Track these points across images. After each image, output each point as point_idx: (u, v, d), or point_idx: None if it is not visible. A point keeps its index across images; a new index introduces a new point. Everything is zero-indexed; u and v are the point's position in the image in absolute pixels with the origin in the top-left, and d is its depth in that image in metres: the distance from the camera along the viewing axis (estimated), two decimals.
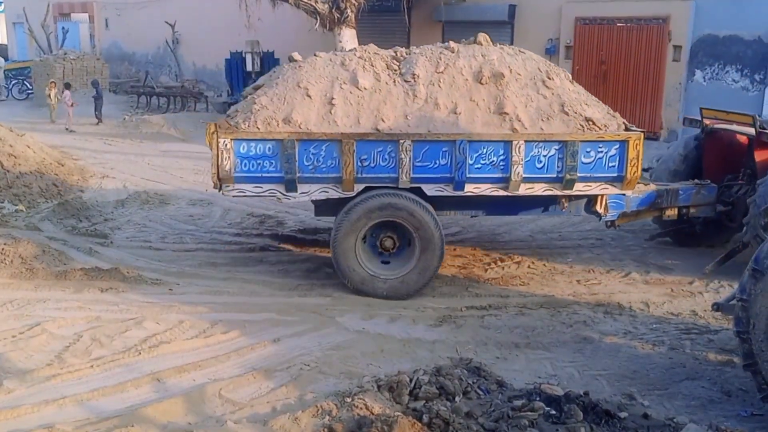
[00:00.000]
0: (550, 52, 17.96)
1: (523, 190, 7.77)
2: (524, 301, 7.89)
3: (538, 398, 5.22)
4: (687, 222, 9.22)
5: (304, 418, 5.17)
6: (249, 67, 21.16)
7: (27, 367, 6.11)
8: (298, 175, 7.61)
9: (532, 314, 7.56)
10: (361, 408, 5.15)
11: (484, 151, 7.62)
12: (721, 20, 15.53)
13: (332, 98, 7.77)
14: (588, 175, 7.80)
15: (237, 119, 7.73)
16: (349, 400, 5.28)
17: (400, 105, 7.81)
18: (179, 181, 13.78)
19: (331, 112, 7.71)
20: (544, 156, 7.69)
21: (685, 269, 8.88)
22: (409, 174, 7.63)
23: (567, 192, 7.90)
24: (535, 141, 7.64)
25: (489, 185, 7.77)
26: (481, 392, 5.47)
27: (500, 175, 7.70)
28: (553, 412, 5.04)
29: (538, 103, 7.88)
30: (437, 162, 7.65)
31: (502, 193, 7.80)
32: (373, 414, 5.07)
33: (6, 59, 31.72)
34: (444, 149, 7.60)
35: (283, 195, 7.75)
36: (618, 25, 16.87)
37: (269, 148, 7.56)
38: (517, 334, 7.06)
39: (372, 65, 8.05)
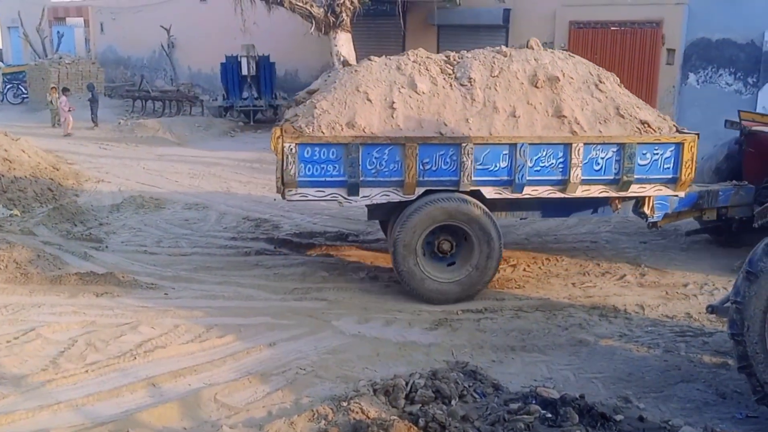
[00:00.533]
0: None
1: (580, 192, 7.88)
2: (520, 304, 7.90)
3: (534, 401, 5.23)
4: (725, 221, 9.33)
5: (300, 422, 5.17)
6: (244, 71, 21.15)
7: (21, 372, 6.09)
8: (361, 178, 7.64)
9: (527, 317, 7.56)
10: (357, 412, 5.15)
11: (544, 153, 7.72)
12: (714, 24, 15.58)
13: (393, 102, 7.83)
14: (644, 176, 7.93)
15: (299, 123, 7.69)
16: (345, 404, 5.29)
17: (459, 109, 7.88)
18: (175, 185, 13.76)
19: (393, 116, 7.77)
20: (602, 158, 7.80)
21: (679, 271, 8.90)
22: (471, 177, 7.69)
23: (622, 193, 8.03)
24: (594, 143, 7.76)
25: (547, 187, 7.86)
26: (477, 396, 5.48)
27: (559, 178, 7.80)
28: (549, 415, 5.05)
29: (593, 106, 8.00)
30: (497, 165, 7.71)
31: (559, 195, 7.90)
32: (369, 418, 5.07)
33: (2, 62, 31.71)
34: (504, 152, 7.68)
35: (345, 199, 7.77)
36: (612, 28, 16.90)
37: (333, 152, 7.57)
38: (512, 337, 7.06)
39: (427, 69, 8.13)
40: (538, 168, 7.73)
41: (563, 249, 9.92)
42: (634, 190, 7.99)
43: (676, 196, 8.28)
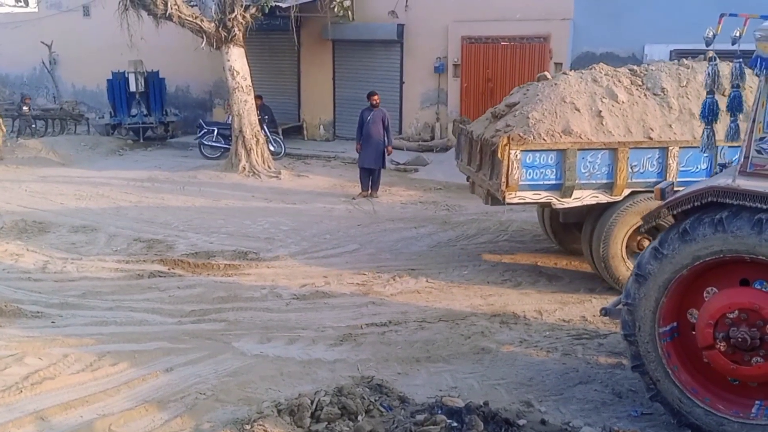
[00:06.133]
0: (439, 71, 18.33)
1: None
2: (423, 316, 7.93)
3: (439, 411, 5.24)
4: None
5: None
6: (133, 88, 20.50)
7: None
8: (576, 181, 8.16)
9: (431, 328, 7.60)
10: None
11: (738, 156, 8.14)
12: (598, 39, 16.37)
13: (599, 111, 8.41)
14: None
15: (516, 132, 8.19)
16: (248, 427, 5.13)
17: (659, 115, 8.49)
18: (60, 208, 13.08)
19: (602, 124, 8.36)
20: None
21: (574, 277, 9.21)
22: (675, 178, 8.12)
23: None
24: None
25: None
26: (383, 409, 5.44)
27: None
28: (455, 424, 5.08)
29: None
30: (698, 166, 8.23)
31: None
32: None
33: None
34: (705, 155, 8.16)
35: (558, 201, 8.30)
36: (503, 43, 17.43)
37: (551, 157, 8.15)
38: (417, 349, 7.07)
39: (619, 81, 8.74)
40: None
41: (465, 259, 10.07)
42: None
43: None
